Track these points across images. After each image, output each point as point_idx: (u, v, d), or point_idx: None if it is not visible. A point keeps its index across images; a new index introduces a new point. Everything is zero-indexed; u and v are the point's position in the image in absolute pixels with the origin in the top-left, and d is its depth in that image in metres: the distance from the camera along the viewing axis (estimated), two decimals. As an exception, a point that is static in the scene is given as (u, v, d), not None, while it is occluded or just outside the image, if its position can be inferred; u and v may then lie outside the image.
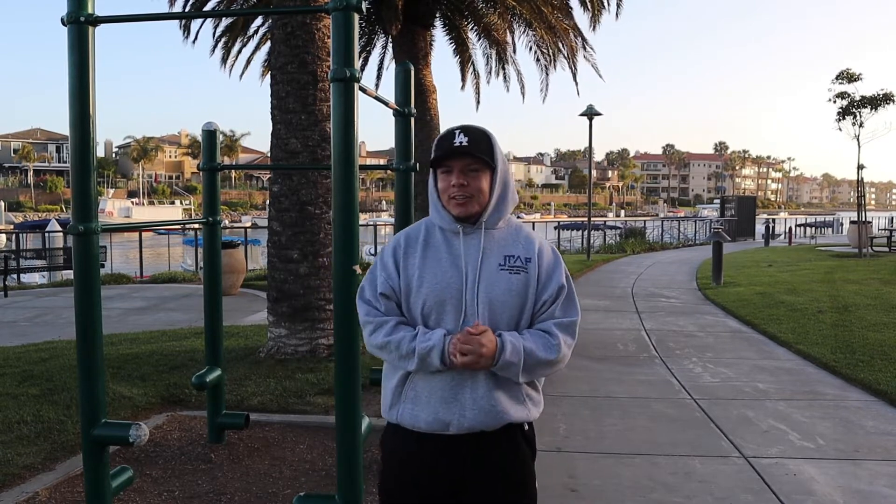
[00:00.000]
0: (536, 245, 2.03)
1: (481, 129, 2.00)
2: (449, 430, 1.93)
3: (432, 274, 1.96)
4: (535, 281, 1.98)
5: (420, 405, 1.95)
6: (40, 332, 9.23)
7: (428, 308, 1.94)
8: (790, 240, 30.28)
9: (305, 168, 6.57)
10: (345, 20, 2.78)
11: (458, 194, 1.94)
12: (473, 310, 1.92)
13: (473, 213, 1.96)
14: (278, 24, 6.74)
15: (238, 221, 64.55)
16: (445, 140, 1.96)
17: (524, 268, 1.98)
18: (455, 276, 1.94)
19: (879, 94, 18.71)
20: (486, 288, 1.94)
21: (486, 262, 1.96)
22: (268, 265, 7.22)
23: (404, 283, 1.98)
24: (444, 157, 1.95)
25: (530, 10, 12.13)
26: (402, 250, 2.02)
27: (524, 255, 1.99)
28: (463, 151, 1.93)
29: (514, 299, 1.95)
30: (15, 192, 72.48)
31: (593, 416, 5.33)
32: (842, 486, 4.01)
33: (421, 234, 2.03)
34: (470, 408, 1.92)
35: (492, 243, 1.99)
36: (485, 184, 1.96)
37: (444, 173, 1.97)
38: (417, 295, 1.96)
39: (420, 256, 1.99)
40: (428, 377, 1.94)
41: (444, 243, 1.99)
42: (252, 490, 3.86)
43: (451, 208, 1.96)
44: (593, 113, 20.56)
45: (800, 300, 10.74)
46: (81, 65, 2.89)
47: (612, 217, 79.42)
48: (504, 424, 1.96)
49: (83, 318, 2.99)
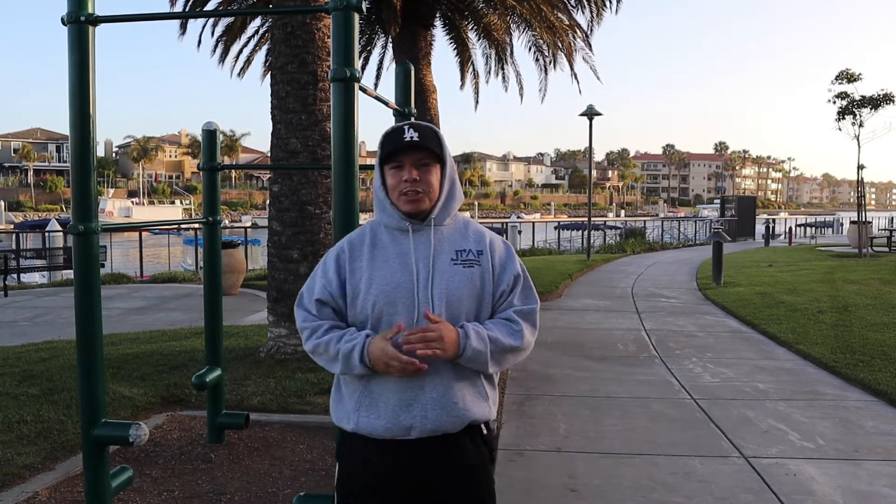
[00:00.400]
0: (487, 238, 2.00)
1: (429, 125, 1.98)
2: (410, 434, 1.88)
3: (381, 275, 1.91)
4: (489, 273, 1.95)
5: (378, 411, 1.90)
6: (40, 332, 9.23)
7: (378, 310, 1.90)
8: (790, 240, 30.27)
9: (305, 168, 6.57)
10: (345, 20, 2.78)
11: (410, 189, 1.90)
12: (427, 307, 1.88)
13: (424, 209, 1.93)
14: (278, 23, 6.74)
15: (238, 221, 64.54)
16: (395, 135, 1.92)
17: (477, 261, 1.94)
18: (405, 276, 1.90)
19: (879, 95, 18.71)
20: (442, 283, 1.90)
21: (438, 258, 1.92)
22: (268, 265, 7.22)
23: (351, 288, 1.94)
24: (395, 151, 1.91)
25: (530, 9, 12.13)
26: (346, 255, 1.98)
27: (475, 248, 1.96)
28: (414, 146, 1.90)
29: (471, 292, 1.92)
30: (15, 192, 72.48)
31: (593, 416, 5.33)
32: (842, 486, 4.01)
33: (366, 237, 1.99)
34: (431, 408, 1.87)
35: (442, 240, 1.95)
36: (435, 179, 1.94)
37: (395, 169, 1.92)
38: (367, 297, 1.91)
39: (367, 259, 1.94)
40: (384, 381, 1.88)
41: (391, 243, 1.95)
42: (252, 490, 3.86)
43: (402, 205, 1.92)
44: (593, 113, 20.56)
45: (800, 300, 10.74)
46: (81, 64, 2.89)
47: (612, 217, 79.38)
48: (467, 424, 1.92)
49: (83, 318, 2.99)
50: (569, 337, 8.42)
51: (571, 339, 8.32)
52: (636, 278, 15.14)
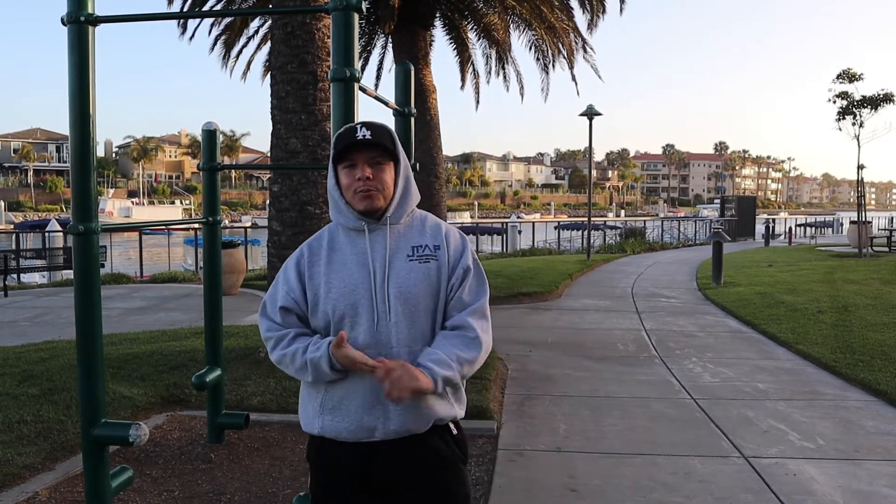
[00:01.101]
0: (443, 231, 1.99)
1: (381, 123, 1.97)
2: (374, 435, 1.88)
3: (339, 278, 1.91)
4: (446, 267, 1.94)
5: (341, 414, 1.90)
6: (40, 332, 9.23)
7: (339, 313, 1.89)
8: (790, 240, 30.27)
9: (305, 168, 6.57)
10: (345, 20, 2.78)
11: (363, 187, 1.89)
12: (385, 307, 1.88)
13: (378, 206, 1.92)
14: (278, 23, 6.74)
15: (238, 221, 64.54)
16: (347, 134, 1.91)
17: (434, 255, 1.94)
18: (363, 277, 1.90)
19: (880, 94, 18.71)
20: (398, 281, 1.89)
21: (394, 256, 1.92)
22: (268, 265, 7.22)
23: (311, 294, 1.93)
24: (347, 150, 1.90)
25: (530, 10, 12.13)
26: (305, 260, 1.97)
27: (433, 243, 1.95)
28: (367, 144, 1.89)
29: (428, 288, 1.91)
30: (15, 192, 72.48)
31: (593, 416, 5.33)
32: (842, 486, 4.01)
33: (324, 240, 1.99)
34: (394, 409, 1.87)
35: (398, 238, 1.95)
36: (389, 177, 1.93)
37: (348, 167, 1.91)
38: (326, 301, 1.90)
39: (325, 263, 1.94)
40: (346, 384, 1.89)
41: (348, 244, 1.94)
42: (252, 490, 3.86)
43: (356, 203, 1.91)
44: (593, 113, 20.55)
45: (800, 300, 10.74)
46: (81, 65, 2.89)
47: (612, 217, 79.35)
48: (432, 423, 1.91)
49: (83, 318, 2.99)
50: (569, 337, 8.42)
51: (571, 339, 8.32)
52: (636, 278, 15.15)
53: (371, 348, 1.87)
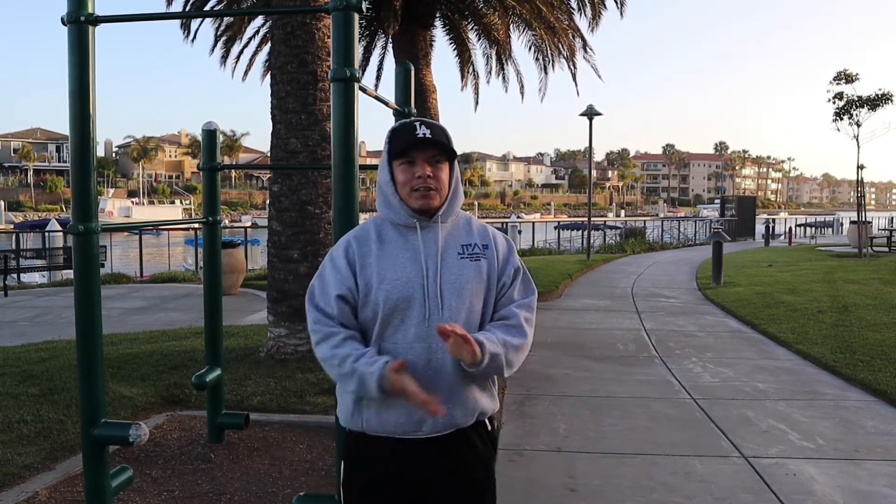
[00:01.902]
0: (490, 233, 2.03)
1: (437, 122, 1.97)
2: (422, 429, 1.87)
3: (392, 271, 1.89)
4: (495, 266, 1.96)
5: (387, 408, 1.87)
6: (40, 332, 9.23)
7: (390, 306, 1.87)
8: (790, 240, 30.27)
9: (305, 168, 6.57)
10: (345, 20, 2.78)
11: (423, 186, 1.89)
12: (437, 303, 1.87)
13: (434, 205, 1.92)
14: (278, 23, 6.74)
15: (238, 221, 64.53)
16: (406, 131, 1.91)
17: (483, 254, 1.96)
18: (415, 271, 1.89)
19: (877, 95, 18.71)
20: (451, 277, 1.89)
21: (445, 253, 1.92)
22: (268, 265, 7.22)
23: (363, 283, 1.91)
24: (408, 148, 1.90)
25: (530, 10, 12.13)
26: (354, 250, 1.95)
27: (481, 242, 1.98)
28: (428, 142, 1.89)
29: (479, 285, 1.93)
30: (15, 192, 72.47)
31: (593, 416, 5.33)
32: (841, 485, 4.01)
33: (371, 232, 1.97)
34: (444, 402, 1.85)
35: (447, 236, 1.95)
36: (445, 176, 1.94)
37: (406, 165, 1.91)
38: (378, 293, 1.88)
39: (376, 254, 1.92)
40: None
41: (399, 239, 1.93)
42: (252, 490, 3.86)
43: (412, 201, 1.91)
44: (593, 113, 20.55)
45: (800, 300, 10.74)
46: (81, 64, 2.89)
47: (612, 217, 79.34)
48: (476, 416, 1.93)
49: (83, 318, 2.99)
50: (569, 337, 8.42)
51: (571, 338, 8.32)
52: (636, 278, 15.15)
53: (421, 342, 1.86)
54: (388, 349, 1.88)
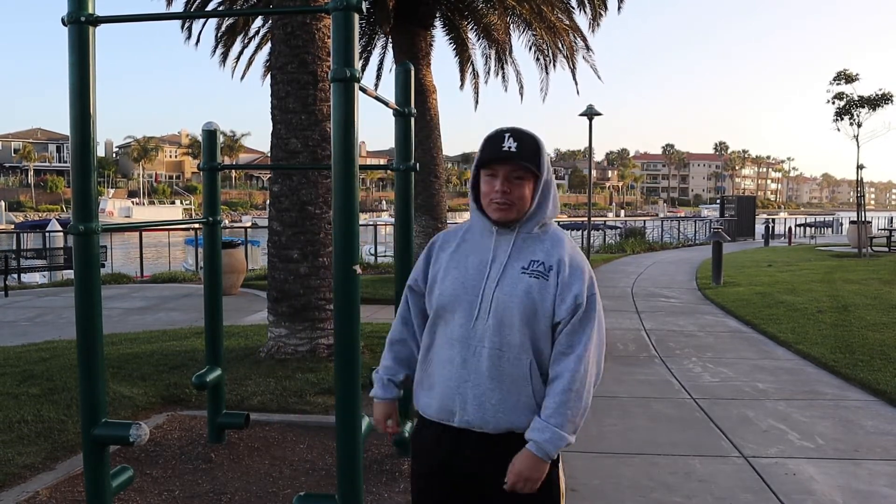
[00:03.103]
0: (559, 253, 1.95)
1: (531, 133, 1.95)
2: (454, 420, 1.94)
3: (456, 270, 1.99)
4: (553, 289, 1.91)
5: (432, 393, 1.99)
6: (41, 332, 9.23)
7: (443, 301, 1.97)
8: (790, 240, 30.26)
9: (305, 168, 6.57)
10: (345, 20, 2.78)
11: (499, 199, 1.91)
12: (487, 309, 1.91)
13: (511, 219, 1.95)
14: (278, 24, 6.74)
15: (238, 221, 64.51)
16: (494, 142, 1.92)
17: (545, 274, 1.92)
18: (476, 275, 1.95)
19: (877, 95, 18.71)
20: (503, 288, 1.91)
21: (511, 264, 1.94)
22: (268, 265, 7.22)
23: (431, 275, 2.05)
24: (490, 160, 1.92)
25: (530, 10, 12.14)
26: (437, 245, 2.10)
27: (546, 261, 1.94)
28: (510, 157, 1.89)
29: (527, 302, 1.89)
30: (15, 192, 72.46)
31: (593, 416, 5.33)
32: (841, 485, 4.01)
33: (459, 232, 2.09)
34: (471, 402, 1.91)
35: (521, 247, 1.96)
36: (527, 191, 1.93)
37: (489, 177, 1.93)
38: (441, 286, 1.99)
39: (452, 252, 2.04)
40: (442, 364, 1.96)
41: (476, 241, 2.02)
42: (252, 490, 3.87)
43: (491, 213, 1.95)
44: (593, 113, 20.51)
45: (799, 300, 10.74)
46: (82, 65, 2.89)
47: (612, 217, 79.29)
48: (508, 429, 1.90)
49: (83, 318, 2.99)
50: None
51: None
52: (636, 278, 15.15)
53: (462, 342, 1.93)
54: (432, 342, 2.02)
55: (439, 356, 1.97)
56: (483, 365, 1.89)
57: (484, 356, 1.89)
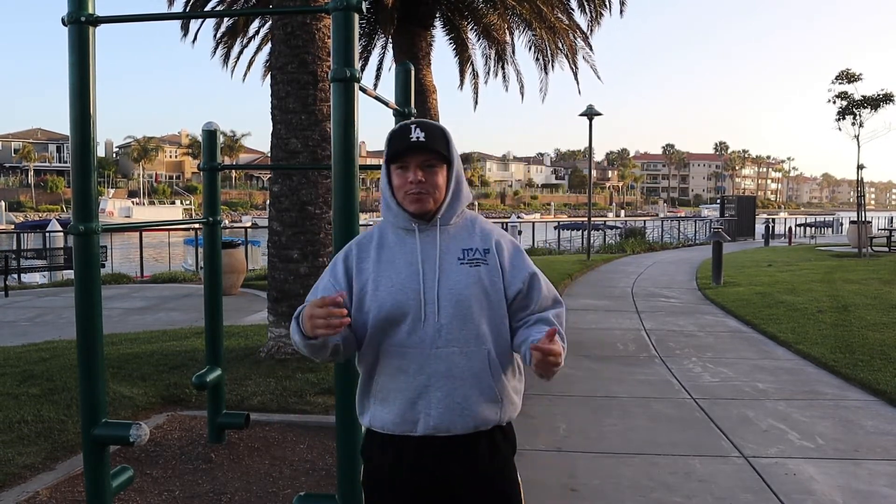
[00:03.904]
0: (494, 237, 1.98)
1: (437, 123, 1.96)
2: (416, 430, 1.87)
3: (387, 277, 1.90)
4: (497, 272, 1.92)
5: (387, 406, 1.90)
6: (41, 332, 9.23)
7: (385, 312, 1.87)
8: (790, 240, 30.27)
9: (305, 168, 6.57)
10: (345, 20, 2.78)
11: (415, 190, 1.88)
12: (434, 308, 1.86)
13: (429, 209, 1.91)
14: (279, 24, 6.74)
15: (238, 221, 64.50)
16: (401, 135, 1.90)
17: (483, 259, 1.92)
18: (411, 276, 1.89)
19: (879, 95, 18.72)
20: (449, 284, 1.88)
21: (444, 258, 1.91)
22: (268, 265, 7.22)
23: (358, 288, 1.93)
24: (400, 152, 1.89)
25: (530, 10, 12.13)
26: (353, 256, 1.97)
27: (482, 246, 1.94)
28: (420, 147, 1.88)
29: (480, 291, 1.89)
30: (15, 192, 72.46)
31: (593, 416, 5.33)
32: (841, 485, 4.02)
33: (374, 238, 1.98)
34: (435, 406, 1.86)
35: (448, 240, 1.94)
36: (441, 179, 1.92)
37: (400, 169, 1.91)
38: (373, 299, 1.89)
39: (374, 260, 1.94)
40: (394, 375, 1.89)
41: (397, 244, 1.94)
42: (252, 490, 3.87)
43: (407, 205, 1.90)
44: (593, 113, 20.56)
45: (799, 300, 10.74)
46: (82, 65, 2.89)
47: (612, 217, 79.30)
48: (473, 427, 1.88)
49: (83, 318, 2.99)
50: (568, 336, 8.28)
51: (571, 338, 8.23)
52: (636, 278, 15.15)
53: (415, 348, 1.86)
54: (385, 352, 1.89)
55: (388, 368, 1.89)
56: (441, 366, 1.86)
57: (442, 357, 1.86)
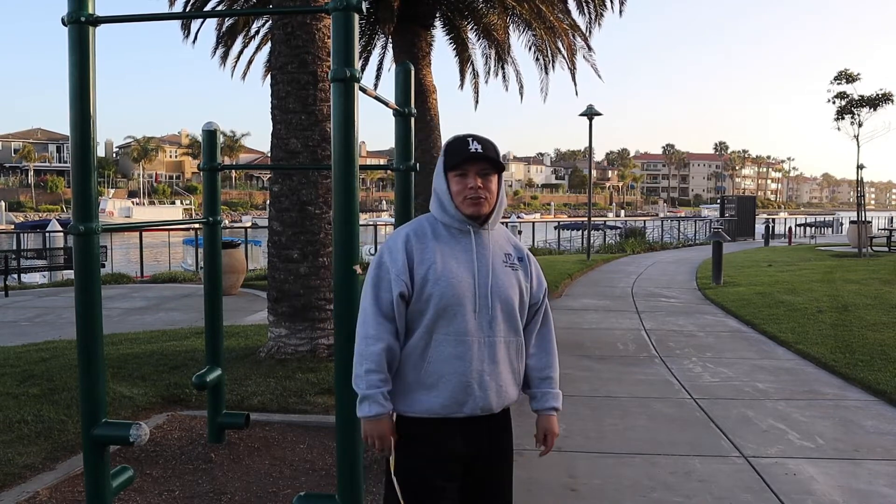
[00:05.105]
0: (523, 249, 2.29)
1: (489, 138, 2.19)
2: (462, 411, 2.09)
3: (447, 268, 2.09)
4: (528, 280, 2.22)
5: (435, 391, 2.09)
6: (41, 332, 9.23)
7: (444, 301, 2.06)
8: (790, 240, 30.28)
9: (305, 168, 6.57)
10: (345, 20, 2.78)
11: (474, 195, 2.10)
12: (486, 303, 2.10)
13: (485, 212, 2.14)
14: (278, 24, 6.74)
15: (238, 221, 64.53)
16: (460, 146, 2.13)
17: (519, 266, 2.22)
18: (467, 272, 2.10)
19: (878, 94, 18.72)
20: (499, 282, 2.13)
21: (493, 258, 2.16)
22: (268, 265, 7.22)
23: (420, 273, 2.09)
24: (461, 162, 2.12)
25: (530, 10, 12.13)
26: (413, 244, 2.13)
27: (516, 254, 2.24)
28: (478, 157, 2.11)
29: (516, 294, 2.17)
30: (15, 192, 72.45)
31: (593, 416, 5.33)
32: (841, 485, 4.02)
33: (427, 228, 2.17)
34: (490, 390, 2.12)
35: (493, 243, 2.19)
36: (494, 186, 2.16)
37: (460, 177, 2.13)
38: (434, 288, 2.07)
39: (434, 250, 2.11)
40: (448, 361, 2.08)
41: (452, 240, 2.14)
42: (252, 490, 3.87)
43: (465, 208, 2.12)
44: (593, 113, 20.56)
45: (799, 300, 10.74)
46: (82, 65, 2.89)
47: (612, 217, 79.30)
48: (505, 405, 2.20)
49: (84, 318, 2.99)
50: (568, 337, 8.42)
51: (571, 338, 8.32)
52: (636, 278, 15.15)
53: (470, 335, 2.09)
54: (440, 340, 2.08)
55: (442, 354, 2.08)
56: (491, 353, 2.11)
57: (493, 345, 2.11)
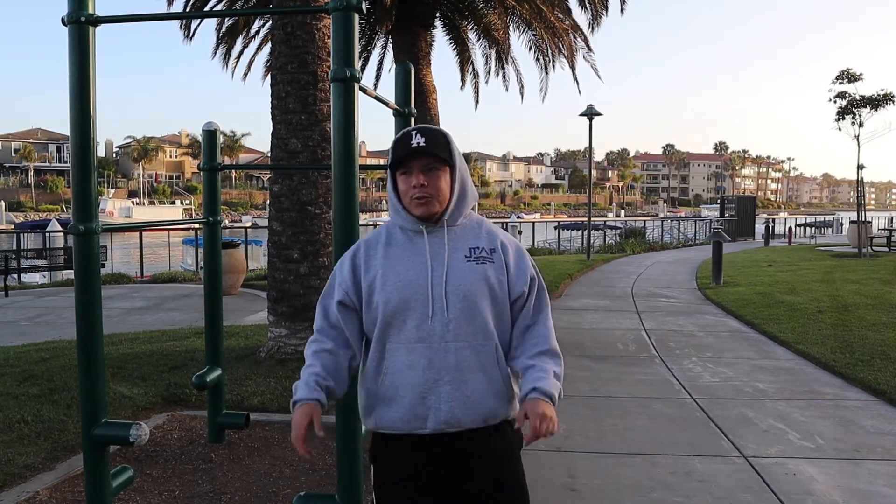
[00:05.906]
0: (500, 237, 2.04)
1: (437, 128, 2.01)
2: (426, 427, 1.91)
3: (395, 273, 1.95)
4: (503, 272, 1.98)
5: (395, 405, 1.94)
6: (41, 332, 9.23)
7: (392, 307, 1.93)
8: (790, 240, 30.27)
9: (305, 168, 6.57)
10: (345, 20, 2.78)
11: (418, 194, 1.94)
12: (442, 304, 1.91)
13: (434, 212, 1.97)
14: (279, 24, 6.74)
15: (238, 221, 64.50)
16: (403, 142, 1.96)
17: (490, 258, 1.98)
18: (420, 273, 1.94)
19: (879, 94, 18.72)
20: (457, 280, 1.93)
21: (451, 256, 1.96)
22: (268, 265, 7.22)
23: (366, 285, 1.98)
24: (403, 158, 1.95)
25: (530, 10, 12.13)
26: (361, 254, 2.02)
27: (488, 246, 2.00)
28: (421, 152, 1.93)
29: (486, 289, 1.95)
30: (15, 192, 72.46)
31: (593, 416, 5.33)
32: (841, 485, 4.02)
33: (381, 236, 2.03)
34: (445, 401, 1.91)
35: (455, 239, 1.99)
36: (444, 183, 1.97)
37: (404, 175, 1.97)
38: (381, 294, 1.94)
39: (382, 257, 1.99)
40: (402, 372, 1.92)
41: (406, 242, 1.99)
42: (252, 490, 3.87)
43: (413, 209, 1.96)
44: (593, 113, 20.56)
45: (799, 300, 10.74)
46: (82, 65, 2.89)
47: (612, 217, 79.28)
48: (487, 423, 1.95)
49: (84, 318, 2.99)
50: (569, 336, 8.42)
51: (571, 338, 8.32)
52: (636, 278, 15.15)
53: (423, 342, 1.91)
54: (392, 349, 1.94)
55: (395, 364, 1.93)
56: (451, 360, 1.91)
57: (450, 351, 1.91)
